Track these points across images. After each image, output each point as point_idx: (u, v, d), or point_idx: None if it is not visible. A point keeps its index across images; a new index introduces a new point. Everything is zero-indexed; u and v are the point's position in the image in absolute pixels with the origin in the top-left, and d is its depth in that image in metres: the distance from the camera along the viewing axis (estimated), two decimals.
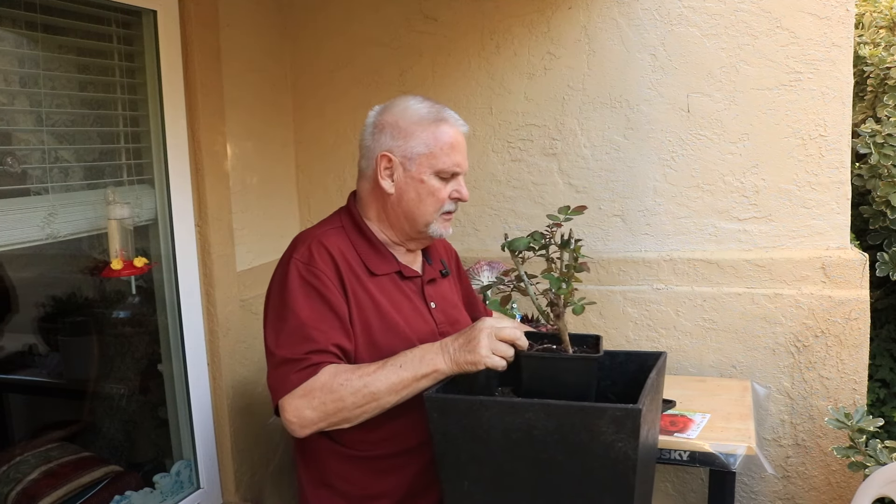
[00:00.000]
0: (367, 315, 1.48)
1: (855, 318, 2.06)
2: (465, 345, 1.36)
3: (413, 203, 1.51)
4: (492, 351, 1.34)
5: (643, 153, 2.27)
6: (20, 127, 1.77)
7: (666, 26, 2.20)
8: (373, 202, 1.56)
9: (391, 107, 1.54)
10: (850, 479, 2.09)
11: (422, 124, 1.49)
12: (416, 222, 1.53)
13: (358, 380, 1.36)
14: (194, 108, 2.10)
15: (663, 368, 1.49)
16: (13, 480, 1.91)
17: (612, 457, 1.19)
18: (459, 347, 1.36)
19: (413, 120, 1.49)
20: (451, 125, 1.52)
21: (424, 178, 1.50)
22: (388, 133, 1.50)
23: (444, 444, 1.31)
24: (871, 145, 2.21)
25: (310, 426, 1.39)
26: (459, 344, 1.37)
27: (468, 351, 1.35)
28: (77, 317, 2.30)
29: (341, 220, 1.58)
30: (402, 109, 1.52)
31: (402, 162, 1.49)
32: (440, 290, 1.65)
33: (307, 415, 1.37)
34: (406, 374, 1.37)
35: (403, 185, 1.50)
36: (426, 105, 1.52)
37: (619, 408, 1.18)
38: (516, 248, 1.37)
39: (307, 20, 2.61)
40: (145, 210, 2.03)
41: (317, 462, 1.54)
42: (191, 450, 2.16)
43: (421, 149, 1.49)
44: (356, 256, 1.51)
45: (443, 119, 1.51)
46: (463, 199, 1.55)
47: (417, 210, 1.52)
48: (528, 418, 1.23)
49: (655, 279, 2.26)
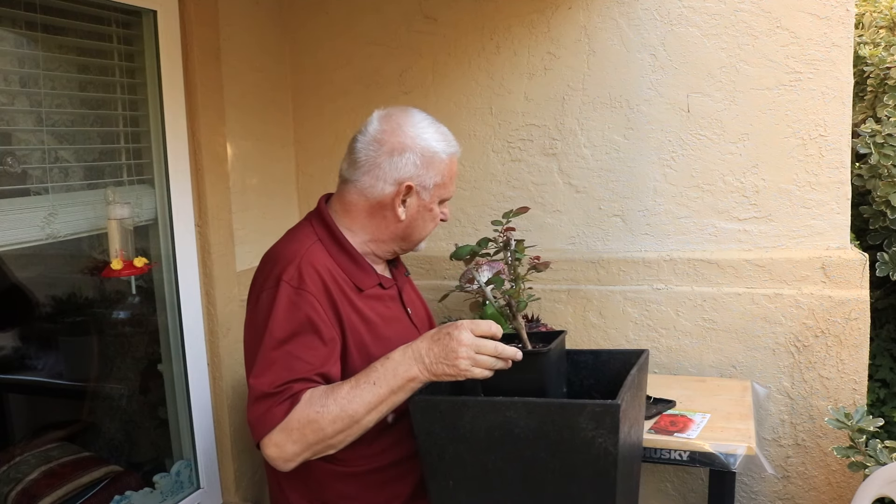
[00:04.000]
0: (361, 335, 1.44)
1: (855, 318, 2.06)
2: (444, 357, 1.30)
3: (419, 229, 1.53)
4: (473, 364, 1.29)
5: (643, 153, 2.27)
6: (20, 127, 1.77)
7: (666, 26, 2.20)
8: (365, 218, 1.50)
9: (406, 127, 1.47)
10: (850, 479, 2.09)
11: (439, 156, 1.48)
12: (412, 242, 1.56)
13: (334, 404, 1.31)
14: (194, 108, 2.10)
15: (646, 366, 1.50)
16: (13, 480, 1.91)
17: (593, 453, 1.21)
18: (436, 359, 1.31)
19: (435, 150, 1.48)
20: (457, 157, 1.55)
21: (433, 206, 1.52)
22: (411, 160, 1.45)
23: (428, 444, 1.33)
24: (871, 145, 2.21)
25: (294, 459, 1.34)
26: (436, 355, 1.31)
27: (448, 364, 1.30)
28: (77, 317, 2.30)
29: (315, 231, 1.50)
30: (419, 135, 1.47)
31: (419, 192, 1.48)
32: (409, 295, 1.66)
33: (289, 449, 1.32)
34: (381, 391, 1.31)
35: (416, 213, 1.50)
36: (441, 134, 1.50)
37: (599, 404, 1.20)
38: (460, 256, 1.43)
39: (307, 20, 2.61)
40: (145, 210, 2.03)
41: (310, 483, 1.48)
42: (191, 450, 2.16)
43: (437, 179, 1.49)
44: (342, 274, 1.46)
45: (454, 151, 1.52)
46: (446, 220, 1.60)
47: (421, 234, 1.55)
48: (510, 417, 1.25)
49: (655, 279, 2.26)
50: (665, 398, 1.97)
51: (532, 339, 1.42)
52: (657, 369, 2.27)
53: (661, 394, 2.00)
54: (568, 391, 1.52)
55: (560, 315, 2.35)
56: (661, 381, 2.17)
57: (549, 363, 1.35)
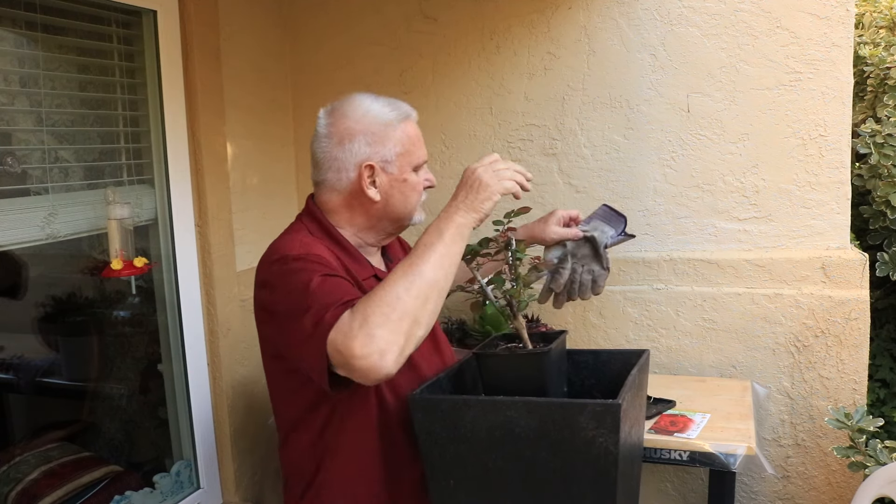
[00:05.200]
0: None
1: (855, 318, 2.06)
2: (470, 188, 1.34)
3: (400, 203, 1.51)
4: (498, 178, 1.34)
5: (643, 153, 2.27)
6: (20, 127, 1.77)
7: (666, 26, 2.20)
8: (346, 211, 1.51)
9: (349, 112, 1.49)
10: (850, 479, 2.09)
11: (392, 126, 1.48)
12: (402, 220, 1.54)
13: (401, 279, 1.24)
14: (194, 108, 2.10)
15: (646, 366, 1.51)
16: (13, 480, 1.91)
17: (594, 452, 1.21)
18: (466, 195, 1.34)
19: (383, 123, 1.48)
20: (413, 119, 1.53)
21: (406, 176, 1.50)
22: (362, 141, 1.47)
23: (429, 443, 1.33)
24: (871, 145, 2.21)
25: (389, 349, 1.18)
26: (464, 192, 1.35)
27: (476, 191, 1.34)
28: (77, 317, 2.30)
29: (307, 227, 1.51)
30: (365, 113, 1.48)
31: (383, 167, 1.48)
32: None
33: (379, 335, 1.17)
34: (438, 247, 1.29)
35: (389, 189, 1.49)
36: (385, 104, 1.51)
37: (599, 403, 1.20)
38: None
39: (307, 20, 2.61)
40: (145, 210, 2.03)
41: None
42: (191, 450, 2.16)
43: (398, 149, 1.48)
44: (341, 265, 1.46)
45: (407, 116, 1.51)
46: (433, 185, 1.57)
47: (405, 208, 1.52)
48: (510, 416, 1.25)
49: (655, 279, 2.26)
50: (665, 398, 1.97)
51: (533, 339, 1.42)
52: (657, 369, 2.27)
53: (661, 394, 2.00)
54: (569, 391, 1.52)
55: (560, 315, 2.35)
56: (661, 381, 2.17)
57: (549, 363, 1.35)
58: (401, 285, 1.24)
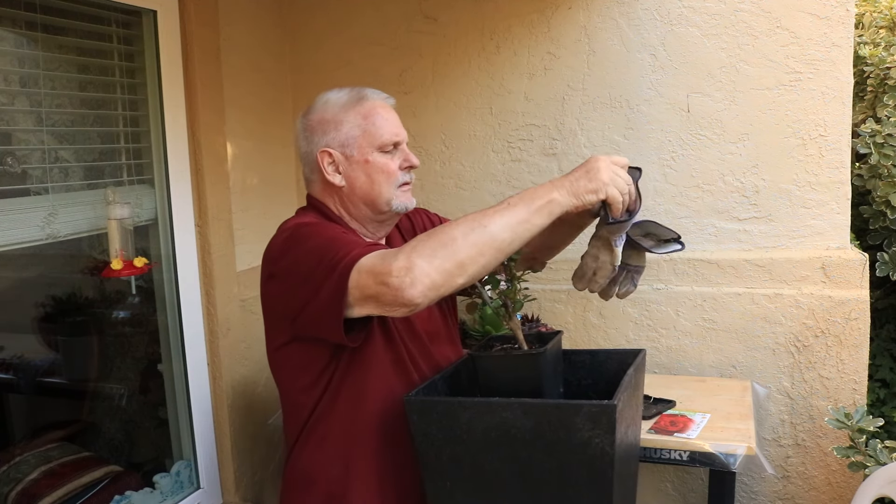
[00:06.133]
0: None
1: (855, 318, 2.06)
2: (585, 174, 1.27)
3: (366, 186, 1.48)
4: (614, 180, 1.27)
5: (643, 153, 2.27)
6: (20, 127, 1.77)
7: (666, 26, 2.20)
8: (328, 200, 1.53)
9: (315, 107, 1.52)
10: (850, 479, 2.09)
11: (345, 109, 1.49)
12: (376, 203, 1.49)
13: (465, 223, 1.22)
14: (194, 108, 2.10)
15: (643, 366, 1.50)
16: (13, 480, 1.91)
17: (590, 453, 1.20)
18: (578, 178, 1.28)
19: (337, 108, 1.49)
20: (373, 100, 1.51)
21: (369, 157, 1.48)
22: (319, 131, 1.49)
23: (425, 445, 1.32)
24: (871, 145, 2.21)
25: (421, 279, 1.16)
26: (577, 175, 1.28)
27: (589, 179, 1.27)
28: (77, 317, 2.30)
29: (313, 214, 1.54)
30: (323, 104, 1.51)
31: (342, 152, 1.48)
32: None
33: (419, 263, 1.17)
34: (520, 211, 1.24)
35: (351, 172, 1.48)
36: (344, 91, 1.52)
37: (595, 404, 1.19)
38: None
39: (307, 20, 2.61)
40: (145, 210, 2.03)
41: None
42: (191, 450, 2.16)
43: (354, 132, 1.48)
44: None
45: (363, 97, 1.51)
46: (414, 165, 1.52)
47: (373, 190, 1.49)
48: (506, 417, 1.24)
49: (655, 279, 2.26)
50: (665, 398, 1.97)
51: (529, 340, 1.42)
52: (657, 369, 2.27)
53: (661, 394, 2.00)
54: (566, 391, 1.52)
55: (560, 315, 2.35)
56: (661, 381, 2.17)
57: (545, 363, 1.35)
58: (461, 229, 1.21)
